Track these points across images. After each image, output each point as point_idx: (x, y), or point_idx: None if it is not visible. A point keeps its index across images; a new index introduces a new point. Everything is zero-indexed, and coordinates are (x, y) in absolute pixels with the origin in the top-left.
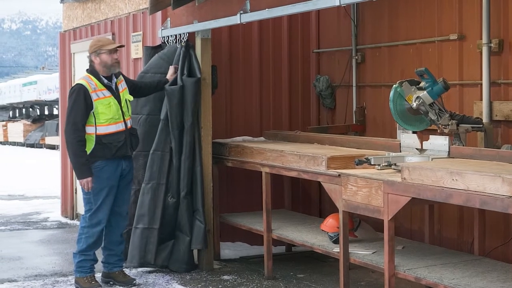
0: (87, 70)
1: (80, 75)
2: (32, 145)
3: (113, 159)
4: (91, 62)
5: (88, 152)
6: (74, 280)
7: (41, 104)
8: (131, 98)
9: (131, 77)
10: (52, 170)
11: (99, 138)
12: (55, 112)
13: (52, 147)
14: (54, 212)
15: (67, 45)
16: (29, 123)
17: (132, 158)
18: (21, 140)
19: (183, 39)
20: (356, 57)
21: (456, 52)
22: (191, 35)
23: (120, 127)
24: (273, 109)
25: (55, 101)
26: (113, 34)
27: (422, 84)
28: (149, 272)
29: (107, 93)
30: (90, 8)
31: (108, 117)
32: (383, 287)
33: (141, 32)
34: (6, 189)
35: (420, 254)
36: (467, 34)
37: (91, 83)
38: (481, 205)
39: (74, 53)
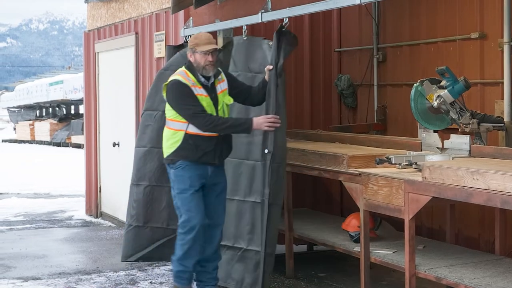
0: (185, 64)
1: (104, 74)
2: (58, 144)
3: (197, 163)
4: (189, 57)
5: (172, 150)
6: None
7: (67, 103)
8: (230, 101)
9: (154, 77)
10: (77, 168)
11: (187, 137)
12: (81, 111)
13: (78, 146)
14: (78, 210)
15: (91, 45)
16: (55, 122)
17: (222, 167)
18: (48, 139)
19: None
20: (377, 56)
21: (477, 51)
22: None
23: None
24: (295, 108)
25: (81, 100)
26: (136, 33)
27: (443, 83)
28: (172, 270)
29: (204, 92)
30: (114, 8)
31: None
32: (404, 286)
33: (164, 32)
34: (32, 187)
35: (441, 253)
36: (488, 33)
37: (188, 79)
38: (502, 204)
39: (98, 53)
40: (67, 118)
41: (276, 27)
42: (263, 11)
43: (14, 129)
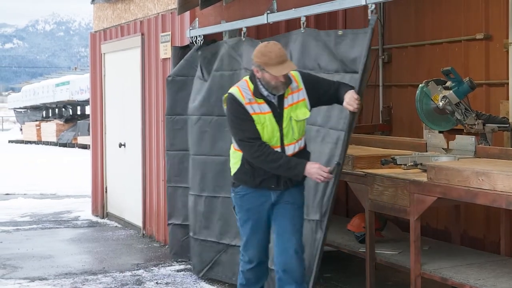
0: (250, 72)
1: (110, 75)
2: (64, 145)
3: (257, 189)
4: (255, 72)
5: (233, 171)
6: None
7: (74, 104)
8: (305, 115)
9: (160, 78)
10: (83, 169)
11: (245, 159)
12: (87, 112)
13: (84, 147)
14: (85, 211)
15: (97, 46)
16: (61, 123)
17: (297, 187)
18: (54, 139)
19: None
20: (383, 57)
21: (482, 52)
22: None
23: None
24: None
25: (87, 101)
26: (142, 34)
27: (448, 83)
28: (177, 270)
29: (265, 108)
30: (120, 9)
31: (261, 139)
32: (409, 287)
33: (169, 32)
34: (38, 188)
35: (446, 254)
36: (494, 34)
37: (247, 93)
38: (507, 205)
39: (104, 54)
40: (73, 119)
41: (281, 28)
42: (268, 12)
43: (21, 129)
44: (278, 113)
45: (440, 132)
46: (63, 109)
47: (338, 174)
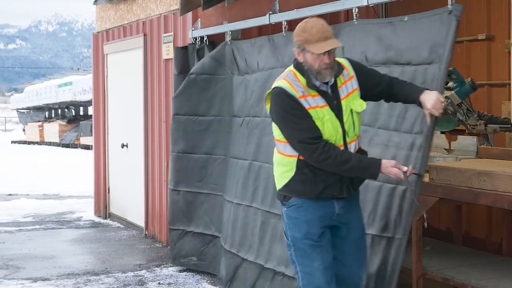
0: (294, 61)
1: (113, 76)
2: (67, 145)
3: (317, 200)
4: (296, 55)
5: (283, 182)
6: None
7: (76, 104)
8: (362, 106)
9: (162, 78)
10: (86, 169)
11: (302, 164)
12: (90, 112)
13: (87, 147)
14: (87, 211)
15: (100, 46)
16: (64, 123)
17: (356, 196)
18: (57, 140)
19: None
20: None
21: (484, 52)
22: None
23: None
24: None
25: (90, 102)
26: (144, 35)
27: (450, 84)
28: (180, 271)
29: (320, 101)
30: (123, 10)
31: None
32: (411, 287)
33: (172, 33)
34: (41, 188)
35: (448, 254)
36: (496, 34)
37: (298, 85)
38: (509, 205)
39: (107, 54)
40: (76, 120)
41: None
42: (270, 12)
43: (23, 130)
44: (335, 105)
45: (442, 132)
46: (66, 109)
47: (418, 187)
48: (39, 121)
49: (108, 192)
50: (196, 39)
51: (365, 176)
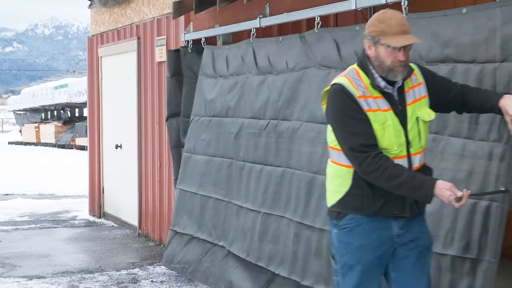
0: (358, 59)
1: (107, 78)
2: (63, 146)
3: (375, 217)
4: (366, 48)
5: (338, 197)
6: None
7: (72, 106)
8: (429, 116)
9: (155, 80)
10: (81, 170)
11: (359, 177)
12: (85, 114)
13: (82, 148)
14: (82, 211)
15: (94, 49)
16: (60, 124)
17: (421, 216)
18: (53, 141)
19: None
20: None
21: None
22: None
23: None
24: None
25: (85, 103)
26: (138, 38)
27: None
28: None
29: (383, 104)
30: (117, 13)
31: (380, 145)
32: None
33: (165, 36)
34: (37, 188)
35: None
36: None
37: (359, 84)
38: None
39: (101, 57)
40: (72, 121)
41: (274, 32)
42: (261, 16)
43: (20, 131)
44: (400, 110)
45: None
46: (62, 111)
47: (506, 203)
48: (35, 123)
49: (103, 192)
50: (188, 42)
51: (416, 197)
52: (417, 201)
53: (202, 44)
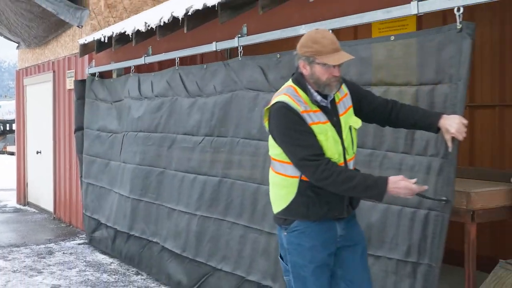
0: (292, 75)
1: (31, 101)
2: None
3: (320, 221)
4: (298, 66)
5: (283, 205)
6: None
7: (4, 122)
8: (357, 123)
9: (66, 103)
10: (11, 169)
11: (304, 186)
12: (14, 128)
13: (12, 153)
14: (11, 200)
15: (21, 80)
16: None
17: (353, 216)
18: None
19: None
20: None
21: None
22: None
23: None
24: None
25: (14, 120)
26: (53, 71)
27: None
28: (79, 244)
29: (322, 117)
30: (38, 53)
31: (325, 154)
32: None
33: (73, 70)
34: None
35: None
36: None
37: (299, 100)
38: None
39: (26, 85)
40: (4, 133)
41: (155, 67)
42: (146, 55)
43: None
44: (335, 121)
45: None
46: None
47: (447, 213)
48: None
49: (27, 186)
50: (94, 74)
51: (369, 196)
52: (352, 203)
53: (96, 76)
